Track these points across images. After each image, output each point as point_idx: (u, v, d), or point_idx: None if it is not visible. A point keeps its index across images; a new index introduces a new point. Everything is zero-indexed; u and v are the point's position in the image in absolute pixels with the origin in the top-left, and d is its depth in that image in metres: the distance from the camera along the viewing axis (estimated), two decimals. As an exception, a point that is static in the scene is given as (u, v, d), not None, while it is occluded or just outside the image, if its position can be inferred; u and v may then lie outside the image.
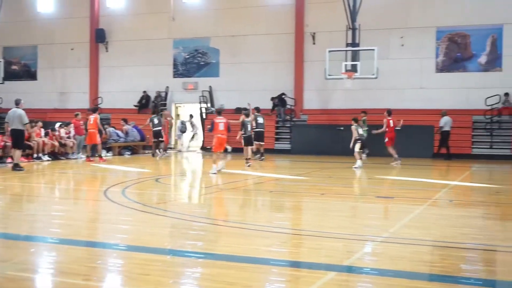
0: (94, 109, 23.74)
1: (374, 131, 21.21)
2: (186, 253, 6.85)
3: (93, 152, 21.58)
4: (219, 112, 17.69)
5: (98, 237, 8.17)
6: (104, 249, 7.17)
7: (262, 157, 22.01)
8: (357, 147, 19.10)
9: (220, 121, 16.78)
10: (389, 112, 21.09)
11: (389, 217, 9.92)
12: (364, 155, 20.46)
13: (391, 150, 20.76)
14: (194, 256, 6.74)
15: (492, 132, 24.59)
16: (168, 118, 25.96)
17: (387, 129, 20.75)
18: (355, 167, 18.63)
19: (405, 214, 9.80)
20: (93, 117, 21.26)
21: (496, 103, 24.62)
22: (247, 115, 21.01)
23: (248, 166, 19.00)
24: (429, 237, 7.93)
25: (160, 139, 23.81)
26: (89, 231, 8.57)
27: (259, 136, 21.93)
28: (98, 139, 21.29)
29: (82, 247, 7.28)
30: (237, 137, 20.59)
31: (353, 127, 19.21)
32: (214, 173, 16.23)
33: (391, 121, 20.73)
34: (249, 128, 20.68)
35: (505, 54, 25.10)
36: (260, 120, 22.04)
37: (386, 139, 20.78)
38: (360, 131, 19.45)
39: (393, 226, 8.60)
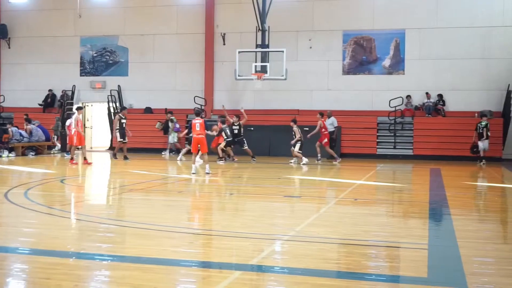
0: None
1: (308, 135, 22.15)
2: (91, 256, 6.70)
3: None
4: (197, 113, 17.54)
5: (-3, 241, 7.84)
6: (4, 254, 6.88)
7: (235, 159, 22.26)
8: (297, 147, 20.92)
9: (197, 122, 16.70)
10: (322, 114, 22.39)
11: (295, 216, 10.08)
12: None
13: (330, 150, 22.20)
14: (99, 258, 6.59)
15: (395, 133, 25.53)
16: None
17: (323, 130, 22.04)
18: (301, 163, 20.63)
19: (311, 213, 10.00)
20: None
21: (399, 105, 25.57)
22: (224, 122, 22.13)
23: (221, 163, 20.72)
24: (334, 235, 8.12)
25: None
26: (-12, 235, 8.21)
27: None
28: None
29: (-21, 251, 6.96)
30: (213, 146, 21.67)
31: (295, 128, 20.91)
32: (194, 173, 16.37)
33: (325, 122, 22.12)
34: (228, 133, 21.70)
35: (407, 58, 26.13)
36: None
37: (325, 140, 22.07)
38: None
39: (300, 224, 8.75)
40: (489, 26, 25.20)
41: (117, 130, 22.17)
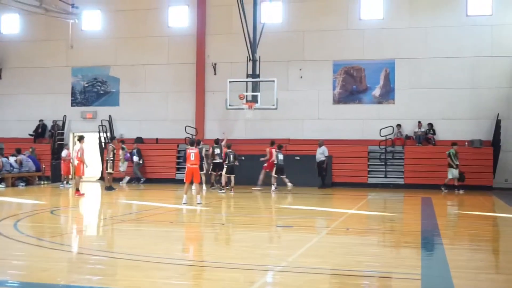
0: None
1: (261, 159, 23.15)
2: (81, 288, 6.63)
3: None
4: (192, 142, 17.36)
5: (-14, 274, 7.74)
6: (-7, 287, 6.80)
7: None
8: (274, 171, 22.10)
9: (192, 151, 16.51)
10: (272, 142, 23.44)
11: (288, 246, 10.03)
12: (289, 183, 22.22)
13: (262, 176, 23.07)
14: (89, 291, 6.53)
15: (386, 162, 25.59)
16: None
17: (268, 157, 23.01)
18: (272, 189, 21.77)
19: (303, 243, 9.95)
20: None
21: (389, 134, 25.67)
22: (229, 147, 22.20)
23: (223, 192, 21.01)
24: (326, 265, 8.07)
25: None
26: (-23, 267, 8.10)
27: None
28: None
29: (-32, 285, 6.87)
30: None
31: (267, 150, 22.19)
32: (185, 203, 16.16)
33: (273, 150, 22.78)
34: (231, 159, 21.72)
35: (397, 87, 26.32)
36: (280, 156, 22.67)
37: (265, 164, 22.97)
38: (281, 156, 22.28)
39: (292, 255, 8.70)
40: (478, 56, 25.49)
41: (111, 161, 22.00)
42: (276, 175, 22.35)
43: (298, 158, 22.94)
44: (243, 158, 24.13)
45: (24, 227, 11.62)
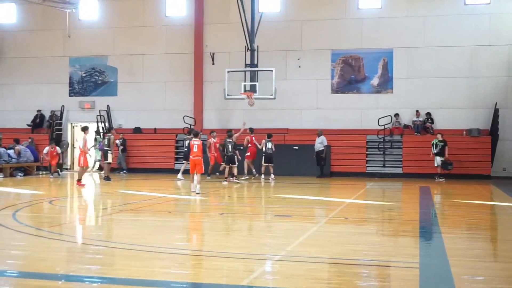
0: None
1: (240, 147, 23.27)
2: (80, 278, 6.63)
3: None
4: (196, 134, 17.41)
5: (-15, 264, 7.74)
6: (-9, 276, 6.80)
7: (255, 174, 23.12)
8: (263, 159, 22.33)
9: (195, 143, 16.73)
10: (251, 130, 23.60)
11: (286, 235, 10.04)
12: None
13: (249, 164, 23.03)
14: (88, 280, 6.53)
15: (384, 151, 25.60)
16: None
17: (249, 145, 23.12)
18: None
19: (302, 232, 9.97)
20: None
21: (388, 124, 25.67)
22: (230, 137, 21.98)
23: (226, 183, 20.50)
24: (324, 254, 8.09)
25: None
26: (-25, 257, 8.11)
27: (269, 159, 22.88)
28: None
29: (-33, 275, 6.87)
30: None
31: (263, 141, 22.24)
32: (198, 193, 16.36)
33: (253, 138, 23.10)
34: (230, 149, 21.51)
35: (395, 76, 26.30)
36: (269, 145, 22.92)
37: (248, 153, 23.04)
38: (269, 145, 22.55)
39: (290, 244, 8.71)
40: (476, 45, 25.48)
41: (110, 151, 21.99)
42: (265, 164, 22.57)
43: (296, 148, 22.94)
44: (241, 147, 24.10)
45: (23, 217, 11.62)
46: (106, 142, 22.05)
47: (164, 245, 8.74)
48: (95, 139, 25.84)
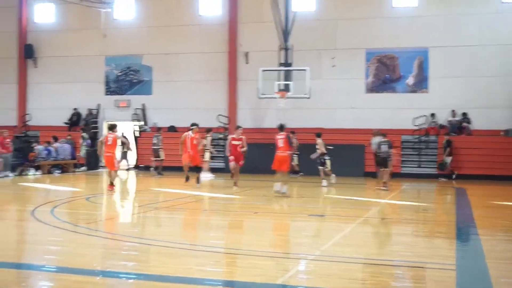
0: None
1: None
2: (117, 274, 6.72)
3: None
4: (281, 127, 16.27)
5: (24, 259, 7.90)
6: (31, 271, 6.94)
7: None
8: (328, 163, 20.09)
9: (280, 137, 15.86)
10: (238, 126, 22.73)
11: (321, 235, 10.02)
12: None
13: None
14: (124, 277, 6.62)
15: (420, 151, 25.31)
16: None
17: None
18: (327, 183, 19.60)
19: (337, 232, 9.93)
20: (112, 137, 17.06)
21: (423, 124, 25.38)
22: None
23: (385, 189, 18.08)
24: (360, 254, 8.05)
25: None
26: (15, 252, 8.27)
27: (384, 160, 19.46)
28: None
29: (7, 269, 7.00)
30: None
31: (319, 141, 20.24)
32: (284, 192, 15.72)
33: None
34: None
35: (431, 76, 25.97)
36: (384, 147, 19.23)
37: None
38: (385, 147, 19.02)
39: (325, 244, 8.69)
40: (514, 43, 25.04)
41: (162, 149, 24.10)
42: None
43: (331, 147, 22.75)
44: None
45: (61, 214, 11.82)
46: (205, 142, 22.58)
47: (200, 243, 8.80)
48: (82, 137, 26.30)
